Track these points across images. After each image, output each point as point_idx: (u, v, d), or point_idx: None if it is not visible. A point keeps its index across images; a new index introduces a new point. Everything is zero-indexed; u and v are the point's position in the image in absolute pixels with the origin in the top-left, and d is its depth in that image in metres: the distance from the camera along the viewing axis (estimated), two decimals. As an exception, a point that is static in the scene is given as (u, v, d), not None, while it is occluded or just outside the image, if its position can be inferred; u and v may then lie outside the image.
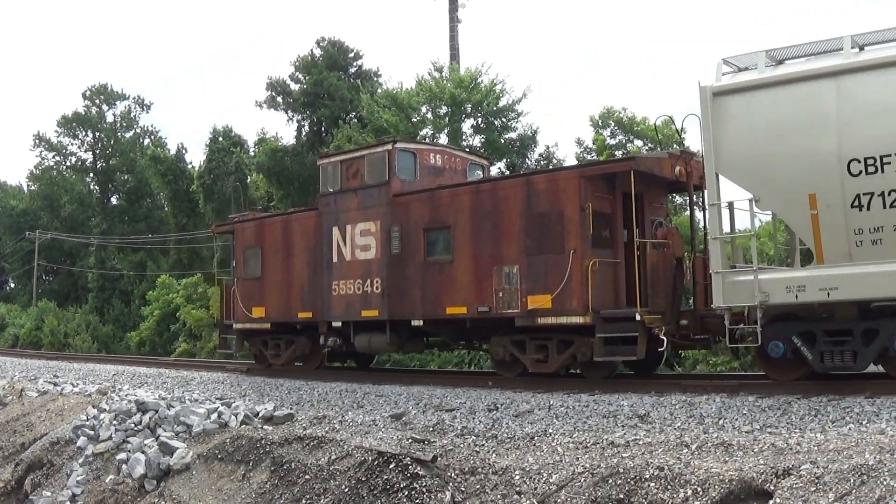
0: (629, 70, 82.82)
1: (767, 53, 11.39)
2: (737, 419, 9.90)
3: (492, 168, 20.93)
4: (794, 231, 11.59)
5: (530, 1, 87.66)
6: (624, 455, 8.66)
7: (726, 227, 11.80)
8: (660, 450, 8.70)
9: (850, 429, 8.86)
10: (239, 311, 19.16)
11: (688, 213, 16.13)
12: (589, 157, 30.25)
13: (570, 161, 32.39)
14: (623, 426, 10.07)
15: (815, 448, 8.08)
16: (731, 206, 11.85)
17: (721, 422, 9.84)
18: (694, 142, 22.64)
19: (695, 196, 14.26)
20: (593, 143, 31.00)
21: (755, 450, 8.32)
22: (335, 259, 16.89)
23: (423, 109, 32.19)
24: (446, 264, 14.95)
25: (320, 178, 17.46)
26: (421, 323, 15.29)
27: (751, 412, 10.19)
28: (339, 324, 16.80)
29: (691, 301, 14.07)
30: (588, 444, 9.26)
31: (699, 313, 13.18)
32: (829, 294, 10.46)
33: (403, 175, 16.16)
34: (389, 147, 16.16)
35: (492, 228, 14.21)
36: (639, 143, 31.22)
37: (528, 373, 14.35)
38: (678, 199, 21.95)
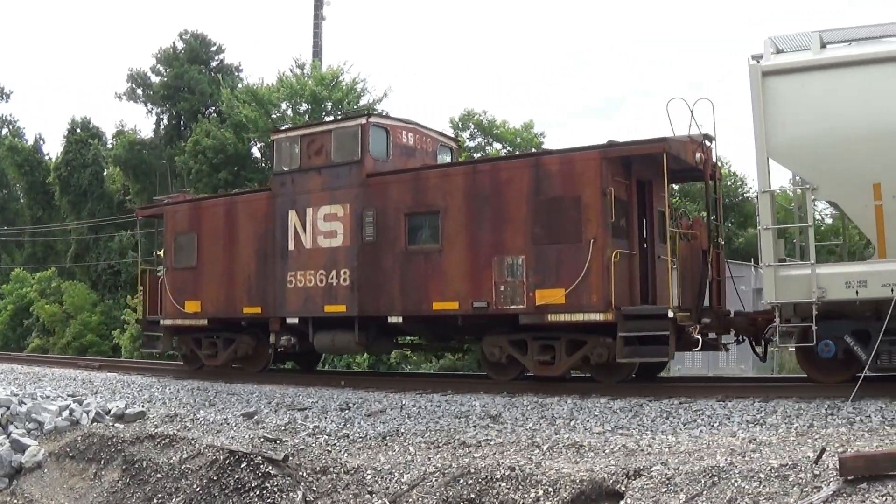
0: (490, 72, 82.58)
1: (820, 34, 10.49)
2: (588, 420, 10.00)
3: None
4: (853, 221, 10.76)
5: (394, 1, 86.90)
6: (475, 455, 8.68)
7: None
8: (511, 450, 8.74)
9: (701, 431, 9.05)
10: (169, 304, 16.72)
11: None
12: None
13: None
14: (475, 426, 10.12)
15: (667, 450, 8.21)
16: (772, 195, 10.87)
17: (573, 423, 9.94)
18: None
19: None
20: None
21: (606, 451, 8.42)
22: (292, 247, 14.86)
23: (284, 106, 32.54)
24: (433, 253, 13.29)
25: (273, 155, 15.38)
26: (400, 320, 13.55)
27: (602, 414, 10.29)
28: (296, 320, 14.78)
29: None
30: (440, 444, 9.28)
31: (720, 311, 12.20)
32: (893, 290, 9.63)
33: (376, 154, 14.36)
34: (363, 121, 14.30)
35: (491, 214, 12.69)
36: (497, 145, 32.45)
37: (526, 376, 12.95)
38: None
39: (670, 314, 11.31)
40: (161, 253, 18.18)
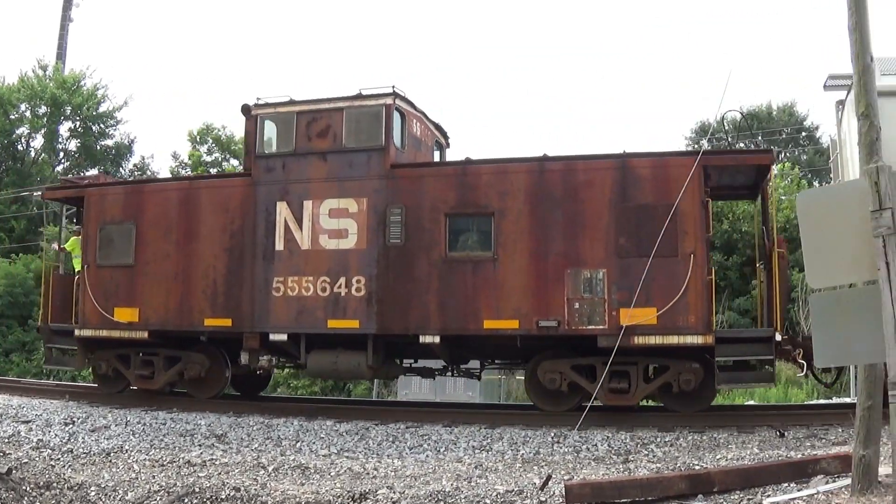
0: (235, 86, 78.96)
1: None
2: (314, 442, 10.08)
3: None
4: None
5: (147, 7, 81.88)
6: (200, 474, 8.55)
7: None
8: (236, 470, 8.66)
9: (427, 456, 9.28)
10: (89, 310, 13.11)
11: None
12: (184, 171, 32.03)
13: (165, 173, 34.25)
14: (200, 445, 10.02)
15: (393, 473, 8.32)
16: None
17: (298, 444, 10.00)
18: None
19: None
20: (189, 158, 32.72)
21: (332, 473, 8.44)
22: (280, 246, 12.11)
23: (23, 107, 31.98)
24: (485, 263, 11.24)
25: (255, 132, 12.49)
26: (437, 340, 11.33)
27: (328, 436, 10.43)
28: (284, 336, 12.02)
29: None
30: (164, 463, 9.12)
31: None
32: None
33: (396, 141, 12.08)
34: (388, 100, 11.95)
35: (563, 220, 10.94)
36: (235, 161, 32.80)
37: (581, 406, 11.31)
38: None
39: (778, 337, 10.27)
40: (66, 245, 14.38)
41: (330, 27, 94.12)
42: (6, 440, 10.23)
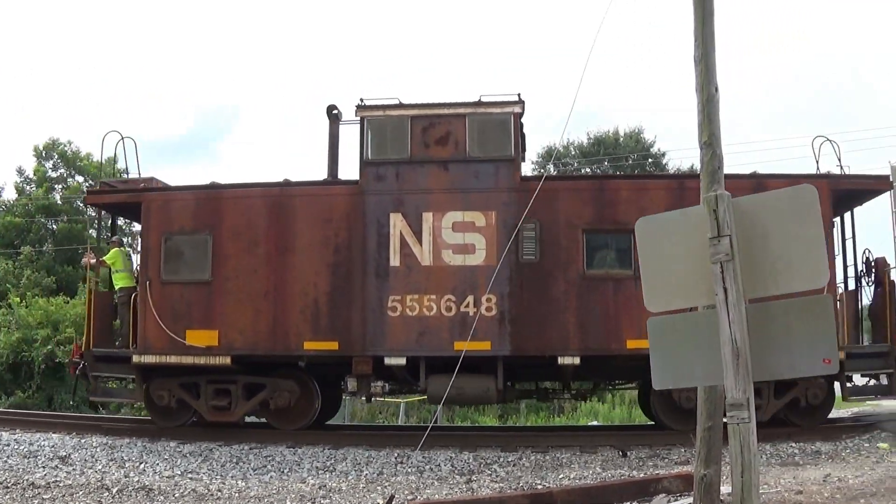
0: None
1: None
2: (158, 464, 10.10)
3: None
4: None
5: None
6: (45, 497, 8.45)
7: None
8: (80, 492, 8.57)
9: (271, 477, 9.36)
10: (153, 333, 11.52)
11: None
12: (29, 188, 31.31)
13: (10, 190, 32.57)
14: (44, 467, 9.88)
15: (237, 495, 8.35)
16: None
17: (142, 466, 9.99)
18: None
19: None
20: (34, 174, 31.80)
21: (176, 495, 8.43)
22: (396, 262, 11.22)
23: None
24: (626, 281, 10.97)
25: (363, 136, 11.48)
26: (576, 361, 10.90)
27: (172, 457, 10.48)
28: (402, 360, 11.12)
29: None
30: (8, 485, 8.90)
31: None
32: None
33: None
34: (517, 108, 11.39)
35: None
36: (80, 178, 32.37)
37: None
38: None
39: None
40: (106, 258, 12.55)
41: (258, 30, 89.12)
42: None
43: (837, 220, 11.94)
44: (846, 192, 11.41)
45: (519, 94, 11.45)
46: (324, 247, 11.36)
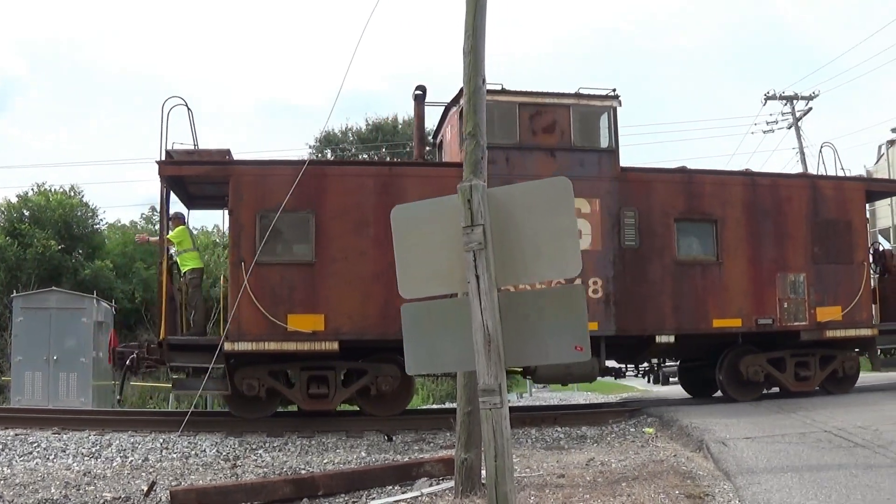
0: None
1: None
2: None
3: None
4: None
5: None
6: None
7: None
8: None
9: (37, 463, 9.23)
10: (249, 318, 10.64)
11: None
12: None
13: None
14: None
15: (2, 482, 8.09)
16: None
17: None
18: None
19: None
20: None
21: None
22: (507, 245, 11.33)
23: None
24: (711, 266, 12.02)
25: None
26: (672, 339, 11.77)
27: None
28: (513, 342, 11.29)
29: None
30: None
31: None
32: None
33: (612, 142, 12.16)
34: (615, 103, 11.96)
35: (772, 230, 12.25)
36: None
37: (764, 395, 12.74)
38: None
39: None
40: (171, 235, 11.27)
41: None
42: None
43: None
44: (873, 193, 13.43)
45: (615, 89, 12.07)
46: (436, 228, 11.15)
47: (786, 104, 33.00)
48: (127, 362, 11.09)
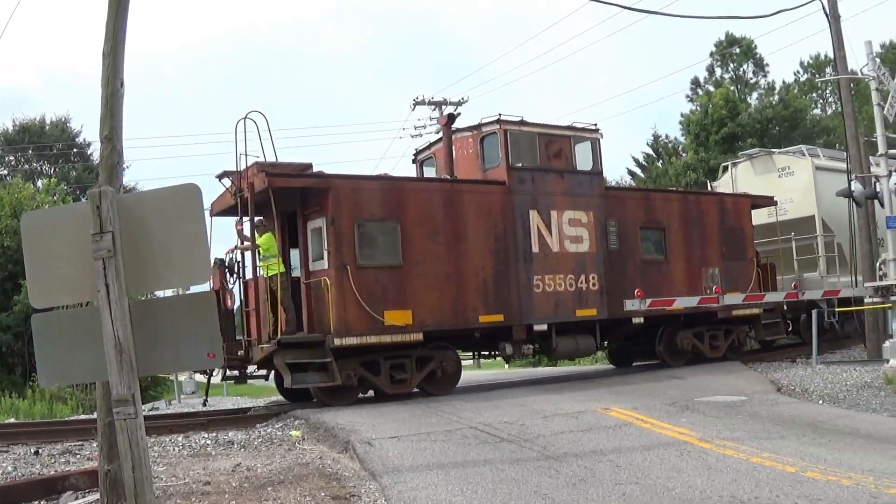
0: None
1: None
2: None
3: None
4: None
5: None
6: None
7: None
8: None
9: None
10: (354, 315, 12.09)
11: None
12: None
13: None
14: None
15: None
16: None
17: None
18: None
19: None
20: None
21: None
22: (536, 248, 14.03)
23: None
24: (661, 264, 15.70)
25: (503, 146, 13.84)
26: (642, 321, 15.22)
27: None
28: (545, 327, 13.99)
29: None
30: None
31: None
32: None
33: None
34: (598, 135, 15.10)
35: (698, 234, 16.27)
36: None
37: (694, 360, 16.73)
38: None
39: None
40: (260, 241, 12.25)
41: None
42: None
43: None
44: (755, 206, 18.04)
45: (595, 124, 15.27)
46: (487, 236, 13.43)
47: (434, 109, 33.16)
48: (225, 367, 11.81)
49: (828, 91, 49.32)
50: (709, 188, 20.49)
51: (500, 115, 13.96)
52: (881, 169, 14.74)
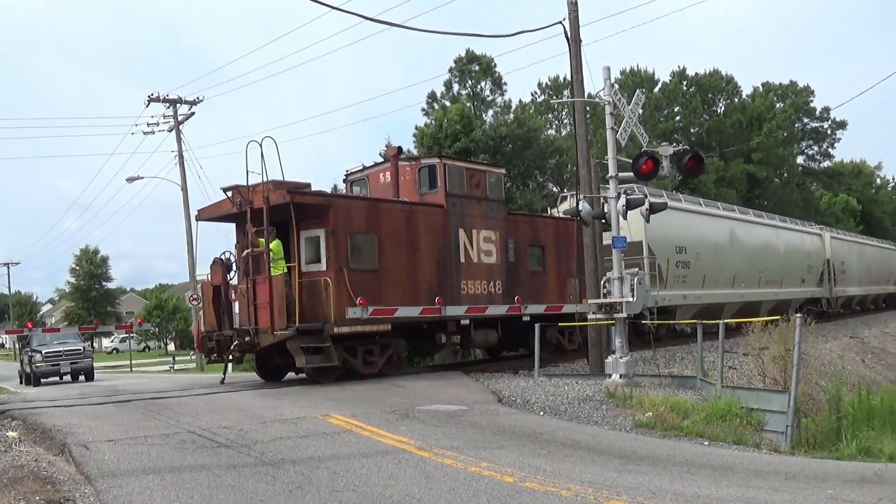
0: None
1: None
2: None
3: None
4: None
5: None
6: None
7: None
8: None
9: None
10: (347, 308, 15.01)
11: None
12: None
13: None
14: None
15: None
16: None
17: None
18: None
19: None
20: None
21: None
22: (462, 259, 17.75)
23: None
24: (541, 274, 20.11)
25: (444, 177, 17.41)
26: (528, 318, 19.48)
27: None
28: (467, 321, 17.74)
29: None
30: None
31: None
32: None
33: (490, 195, 19.36)
34: (503, 171, 19.13)
35: (564, 252, 20.92)
36: None
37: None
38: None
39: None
40: (272, 245, 14.75)
41: None
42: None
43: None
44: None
45: (504, 165, 19.30)
46: (432, 248, 16.89)
47: (169, 107, 33.60)
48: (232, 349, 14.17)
49: (564, 112, 52.66)
50: (548, 213, 25.47)
51: (440, 153, 17.53)
52: (611, 191, 14.97)
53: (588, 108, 19.35)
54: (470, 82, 44.39)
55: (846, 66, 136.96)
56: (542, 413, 11.89)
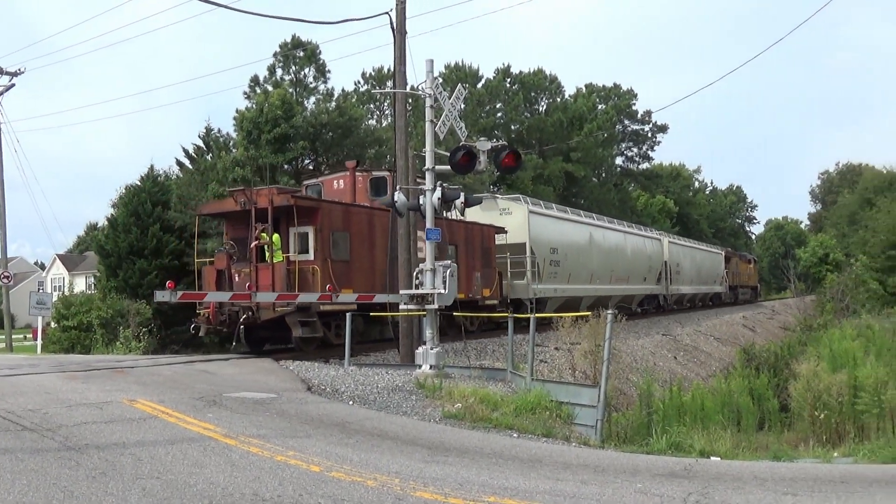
0: None
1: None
2: None
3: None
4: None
5: None
6: None
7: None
8: None
9: None
10: (329, 290, 18.77)
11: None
12: None
13: None
14: None
15: None
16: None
17: None
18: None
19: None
20: None
21: None
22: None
23: None
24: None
25: (392, 185, 21.43)
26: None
27: None
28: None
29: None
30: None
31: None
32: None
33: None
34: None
35: (474, 250, 25.48)
36: None
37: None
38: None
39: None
40: (274, 238, 18.18)
41: None
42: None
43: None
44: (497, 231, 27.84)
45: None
46: (384, 244, 20.88)
47: None
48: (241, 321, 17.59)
49: (386, 104, 52.66)
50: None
51: (389, 167, 21.51)
52: (427, 183, 15.00)
53: (410, 101, 19.25)
54: (294, 68, 42.99)
55: (672, 74, 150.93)
56: (351, 402, 11.89)
